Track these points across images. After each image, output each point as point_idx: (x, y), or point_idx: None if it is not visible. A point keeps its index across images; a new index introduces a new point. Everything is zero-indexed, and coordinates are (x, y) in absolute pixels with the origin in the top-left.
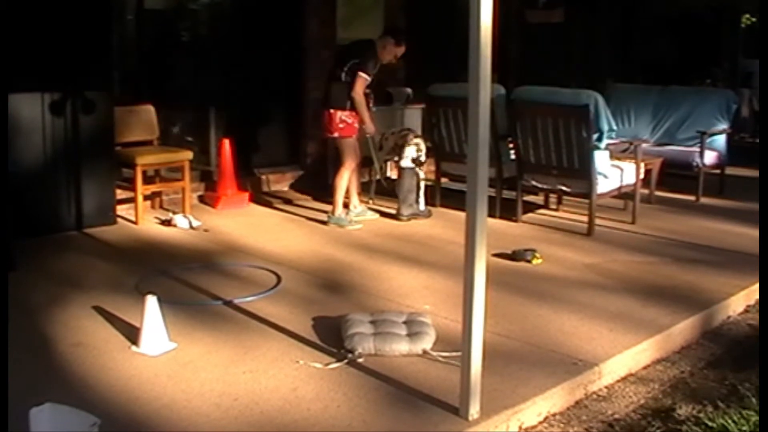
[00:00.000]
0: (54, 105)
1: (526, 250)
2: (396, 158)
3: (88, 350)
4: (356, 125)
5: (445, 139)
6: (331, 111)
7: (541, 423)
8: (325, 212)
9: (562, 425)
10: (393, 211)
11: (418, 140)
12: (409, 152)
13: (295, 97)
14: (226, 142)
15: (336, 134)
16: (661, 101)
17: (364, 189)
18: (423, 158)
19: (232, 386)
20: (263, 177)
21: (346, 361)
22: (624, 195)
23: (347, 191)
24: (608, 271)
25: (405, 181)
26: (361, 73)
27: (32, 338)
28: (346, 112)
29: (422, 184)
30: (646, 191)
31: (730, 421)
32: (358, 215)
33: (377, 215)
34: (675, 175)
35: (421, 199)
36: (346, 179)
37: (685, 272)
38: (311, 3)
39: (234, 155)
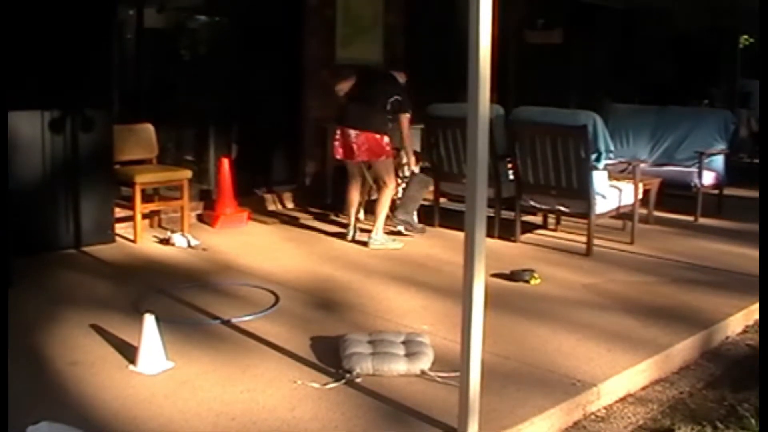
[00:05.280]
0: (53, 123)
1: (524, 271)
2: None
3: (85, 368)
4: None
5: (443, 158)
6: (378, 136)
7: None
8: (324, 231)
9: None
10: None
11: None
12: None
13: (295, 117)
14: (225, 161)
15: (383, 157)
16: (659, 122)
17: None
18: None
19: (229, 406)
20: (262, 196)
21: (344, 381)
22: (622, 215)
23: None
24: (607, 292)
25: (411, 187)
26: (408, 116)
27: (29, 356)
28: (387, 137)
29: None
30: (644, 211)
31: None
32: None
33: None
34: (673, 195)
35: (414, 216)
36: (389, 200)
37: (684, 292)
38: (310, 23)
39: (233, 174)
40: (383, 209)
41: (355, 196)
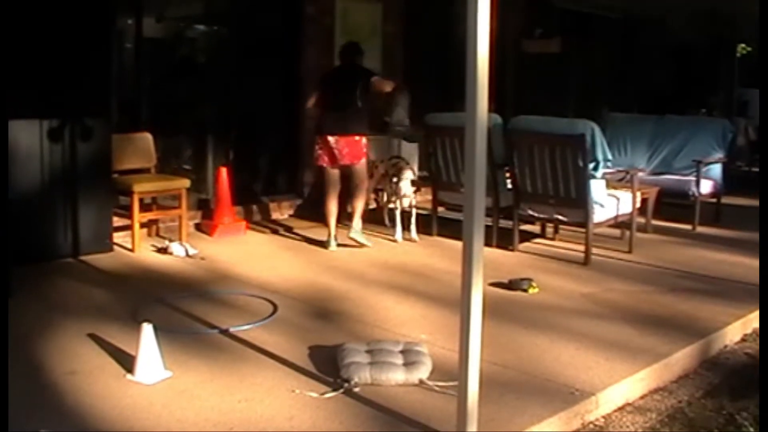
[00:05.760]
0: (52, 132)
1: (522, 280)
2: (391, 182)
3: (83, 378)
4: None
5: (442, 168)
6: (356, 138)
7: None
8: (322, 241)
9: None
10: (383, 240)
11: (410, 167)
12: (408, 175)
13: (293, 126)
14: (223, 171)
15: (363, 159)
16: (657, 130)
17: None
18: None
19: (227, 415)
20: (260, 205)
21: (342, 390)
22: (621, 224)
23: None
24: (605, 301)
25: (400, 99)
26: (377, 77)
27: (27, 365)
28: (365, 138)
29: (414, 211)
30: (642, 220)
31: None
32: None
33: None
34: (671, 204)
35: (413, 228)
36: (365, 197)
37: (682, 301)
38: (308, 32)
39: (231, 183)
40: (361, 205)
41: (333, 206)
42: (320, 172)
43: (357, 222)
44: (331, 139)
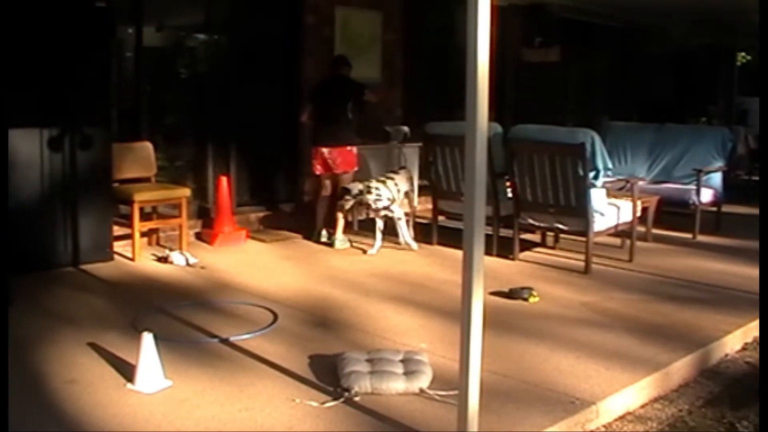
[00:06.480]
0: (52, 141)
1: (522, 289)
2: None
3: (82, 387)
4: None
5: (441, 177)
6: (348, 148)
7: None
8: (322, 250)
9: None
10: (384, 248)
11: (390, 181)
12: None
13: (293, 135)
14: (224, 180)
15: (355, 167)
16: (657, 139)
17: (362, 226)
18: (384, 200)
19: (227, 425)
20: (261, 214)
21: (342, 399)
22: (621, 233)
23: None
24: (605, 310)
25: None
26: (366, 93)
27: (27, 374)
28: (356, 148)
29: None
30: (642, 229)
31: None
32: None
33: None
34: (672, 212)
35: (410, 233)
36: None
37: (682, 310)
38: (308, 41)
39: (231, 192)
40: (342, 216)
41: (322, 208)
42: (316, 180)
43: (339, 233)
44: (324, 150)
